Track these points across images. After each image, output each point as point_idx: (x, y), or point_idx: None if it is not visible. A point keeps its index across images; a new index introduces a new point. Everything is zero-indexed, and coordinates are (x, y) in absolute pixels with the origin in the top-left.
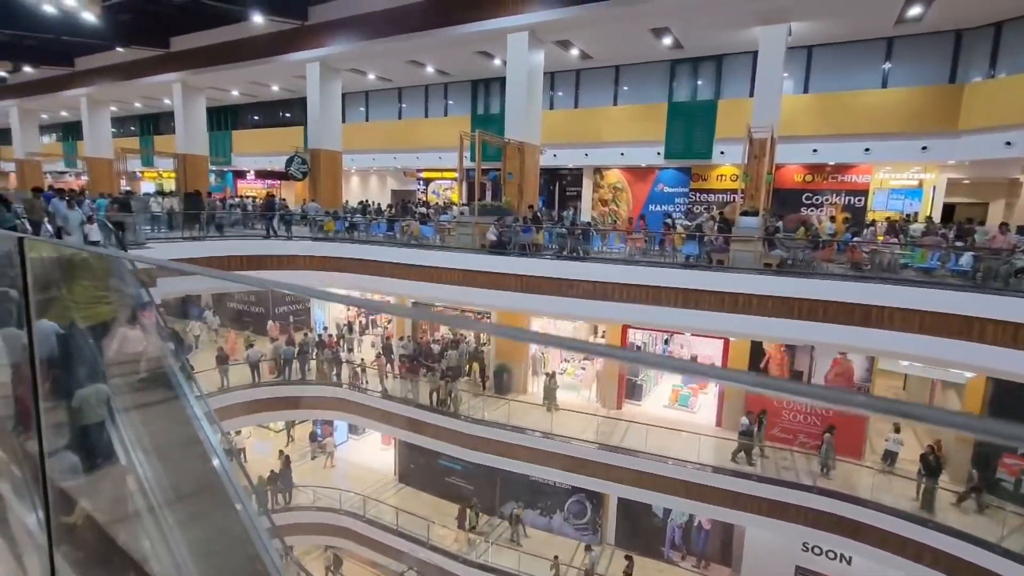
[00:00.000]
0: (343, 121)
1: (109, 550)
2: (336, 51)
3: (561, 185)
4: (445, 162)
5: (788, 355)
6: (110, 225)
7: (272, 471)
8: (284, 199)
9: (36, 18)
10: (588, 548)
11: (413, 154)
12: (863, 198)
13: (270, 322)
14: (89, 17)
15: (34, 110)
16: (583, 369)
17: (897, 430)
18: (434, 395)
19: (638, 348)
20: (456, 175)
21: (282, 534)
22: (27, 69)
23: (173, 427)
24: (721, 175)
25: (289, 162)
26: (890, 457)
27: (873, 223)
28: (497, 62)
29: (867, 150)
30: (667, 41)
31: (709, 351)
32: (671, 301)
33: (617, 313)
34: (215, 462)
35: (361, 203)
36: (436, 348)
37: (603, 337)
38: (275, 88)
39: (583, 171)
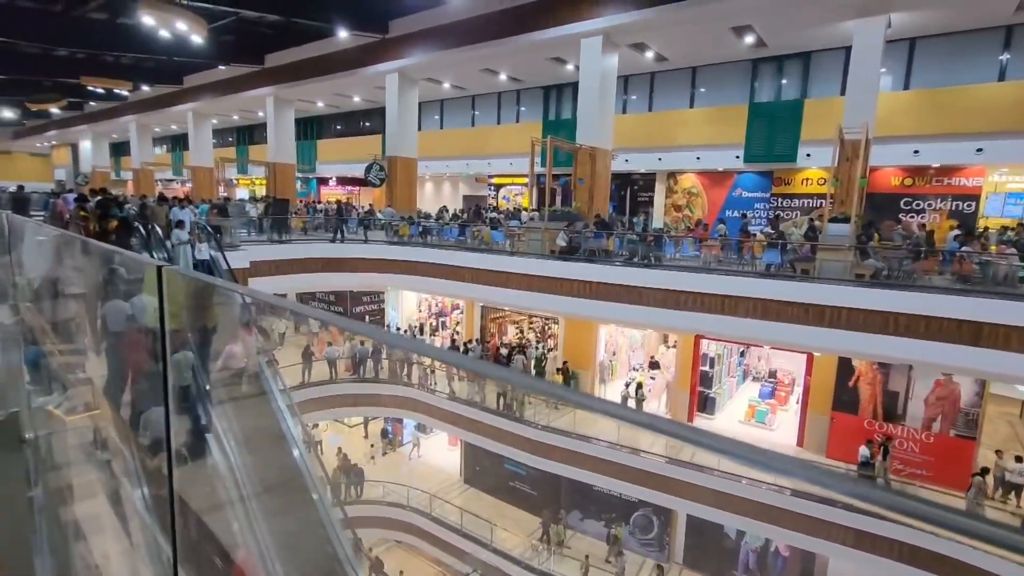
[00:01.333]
0: (419, 129)
1: (201, 536)
2: (414, 61)
3: (632, 190)
4: (516, 168)
5: (881, 374)
6: (210, 229)
7: (345, 464)
8: (360, 205)
9: (153, 42)
10: (659, 568)
11: (485, 160)
12: (973, 203)
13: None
14: (197, 39)
15: (148, 124)
16: (652, 379)
17: (1020, 459)
18: (500, 399)
19: (711, 360)
20: (527, 180)
21: (353, 526)
22: (144, 88)
23: (259, 420)
24: (807, 179)
25: (368, 169)
26: (1013, 490)
27: (986, 231)
28: (570, 67)
29: (979, 150)
30: (749, 40)
31: (790, 366)
32: (749, 312)
33: (690, 323)
34: (295, 454)
35: (442, 208)
36: (504, 352)
37: (674, 347)
38: (357, 99)
39: (656, 176)
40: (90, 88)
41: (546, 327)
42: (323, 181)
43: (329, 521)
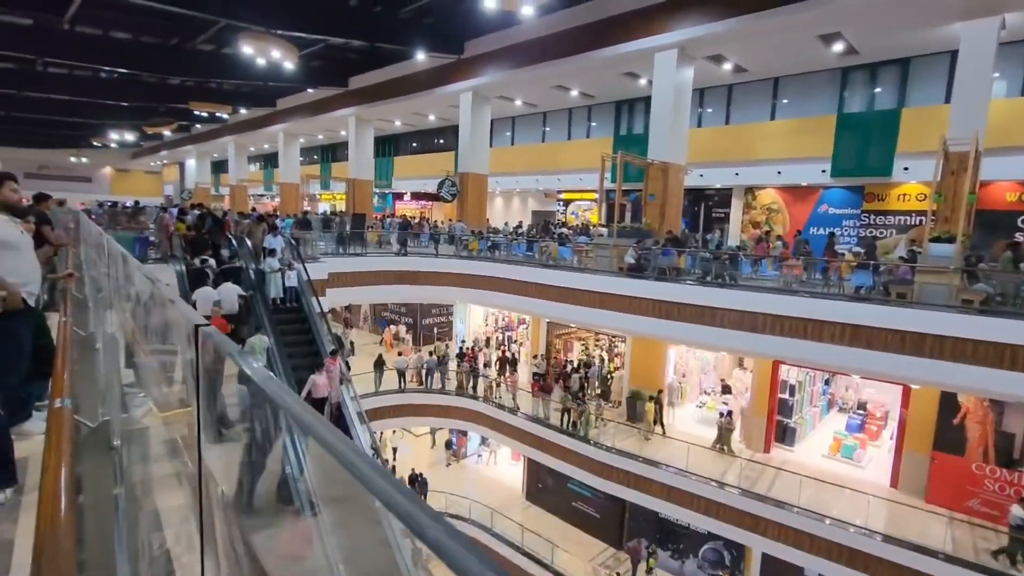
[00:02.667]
0: (490, 146)
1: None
2: (487, 80)
3: (707, 206)
4: (586, 183)
5: (994, 412)
6: (293, 241)
7: (412, 473)
8: (431, 219)
9: (251, 69)
10: None
11: (555, 176)
12: None
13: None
14: (289, 65)
15: (245, 144)
16: (725, 404)
17: None
18: (565, 416)
19: (791, 387)
20: (596, 196)
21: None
22: (242, 111)
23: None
24: (904, 194)
25: (441, 185)
26: None
27: None
28: (643, 82)
29: None
30: (838, 47)
31: (883, 397)
32: (835, 338)
33: (768, 347)
34: (344, 412)
35: (517, 225)
36: (569, 369)
37: (750, 372)
38: (432, 117)
39: (732, 191)
40: (196, 112)
41: (613, 345)
42: (398, 196)
43: (391, 529)
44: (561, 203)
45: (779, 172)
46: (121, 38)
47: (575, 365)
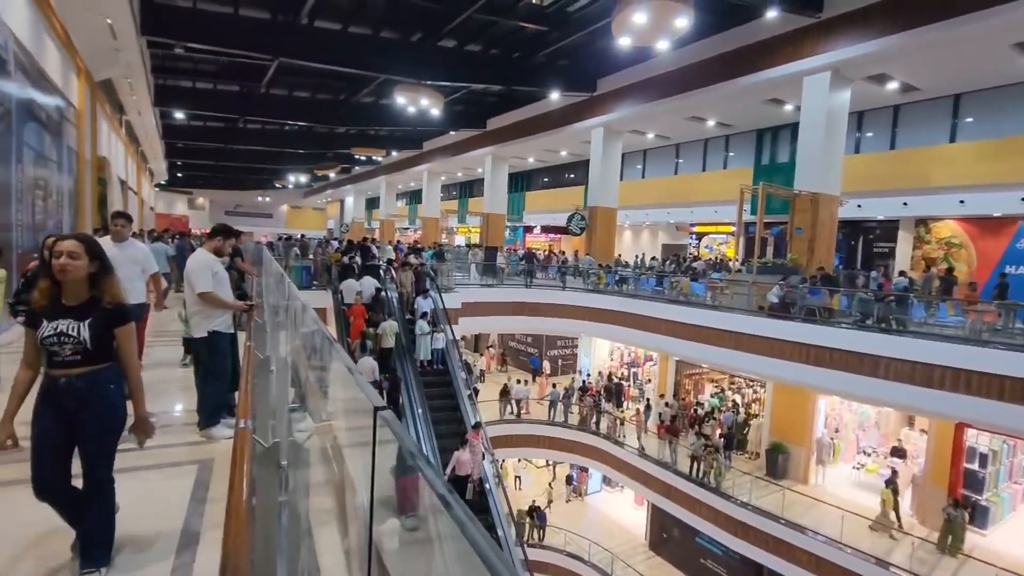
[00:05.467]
0: (620, 179)
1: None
2: (619, 115)
3: (866, 240)
4: (721, 216)
5: None
6: (431, 272)
7: (532, 505)
8: (561, 252)
9: (402, 116)
10: None
11: (688, 208)
12: None
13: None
14: (435, 111)
15: (394, 183)
16: (891, 469)
17: None
18: (695, 463)
19: (983, 457)
20: (733, 229)
21: (531, 569)
22: (393, 153)
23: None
24: None
25: (570, 219)
26: None
27: None
28: (788, 108)
29: None
30: None
31: None
32: None
33: (948, 406)
34: (486, 486)
35: (652, 257)
36: (700, 412)
37: (923, 433)
38: (563, 153)
39: (899, 223)
40: (357, 156)
41: (750, 389)
42: (528, 229)
43: (509, 561)
44: (694, 236)
45: (961, 201)
46: (302, 96)
47: (707, 409)
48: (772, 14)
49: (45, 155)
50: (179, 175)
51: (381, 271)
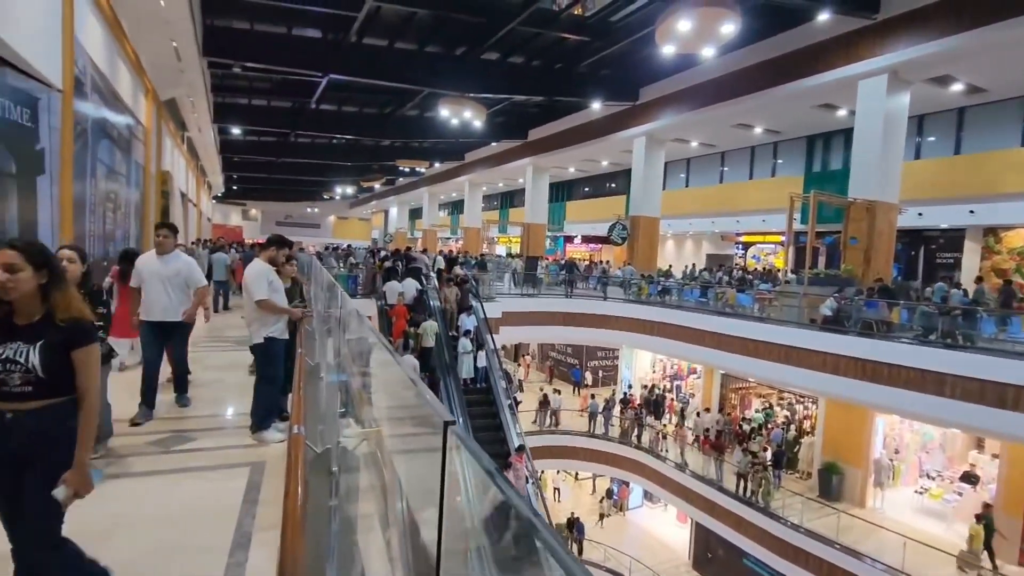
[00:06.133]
0: (663, 188)
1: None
2: (662, 124)
3: (928, 250)
4: (769, 225)
5: None
6: (475, 289)
7: (571, 517)
8: (602, 262)
9: (445, 128)
10: None
11: (733, 218)
12: None
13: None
14: (477, 123)
15: (436, 193)
16: (959, 495)
17: None
18: (741, 481)
19: None
20: (782, 239)
21: None
22: (436, 165)
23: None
24: None
25: (611, 228)
26: None
27: None
28: (842, 113)
29: None
30: None
31: None
32: None
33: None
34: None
35: (693, 267)
36: (746, 428)
37: (995, 457)
38: (604, 163)
39: (965, 232)
40: (401, 168)
41: (800, 405)
42: (569, 239)
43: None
44: (740, 246)
45: None
46: (349, 111)
47: (754, 425)
48: (824, 17)
49: (115, 170)
50: (234, 188)
51: (423, 276)
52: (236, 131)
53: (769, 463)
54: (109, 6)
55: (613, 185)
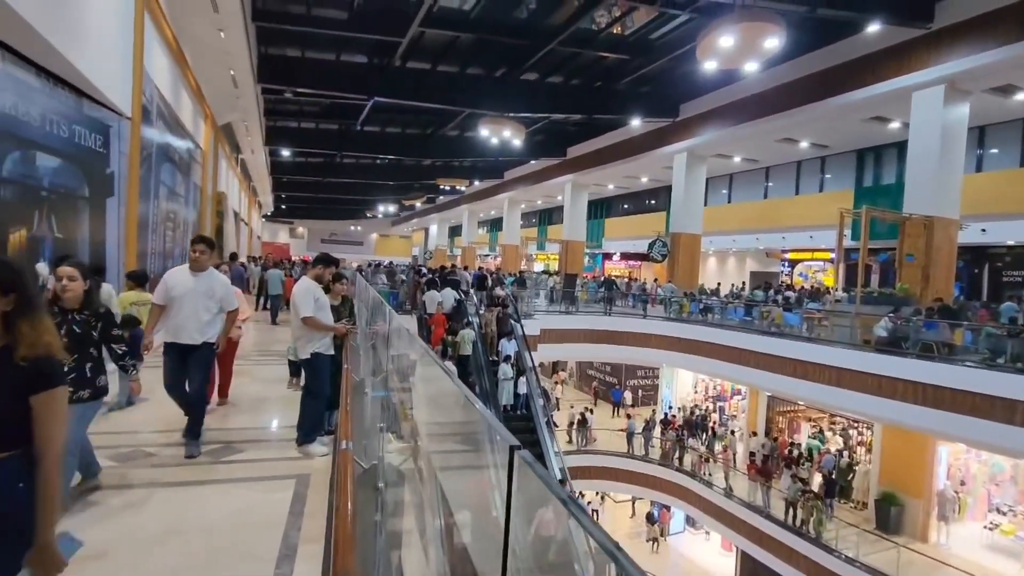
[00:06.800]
0: (704, 204)
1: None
2: (703, 140)
3: (994, 268)
4: (817, 242)
5: None
6: (516, 314)
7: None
8: (641, 280)
9: (485, 147)
10: None
11: (779, 234)
12: None
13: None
14: (517, 142)
15: (476, 211)
16: None
17: None
18: (790, 509)
19: None
20: (831, 256)
21: None
22: (476, 183)
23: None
24: None
25: (651, 245)
26: None
27: None
28: (895, 125)
29: None
30: None
31: None
32: None
33: None
34: (569, 523)
35: (757, 286)
36: (795, 453)
37: None
38: (644, 179)
39: None
40: (442, 186)
41: (854, 430)
42: (607, 256)
43: None
44: (786, 263)
45: None
46: (393, 132)
47: (803, 451)
48: (874, 28)
49: (176, 191)
50: (282, 206)
51: (460, 291)
52: (286, 153)
53: (820, 490)
54: (174, 38)
55: (653, 202)
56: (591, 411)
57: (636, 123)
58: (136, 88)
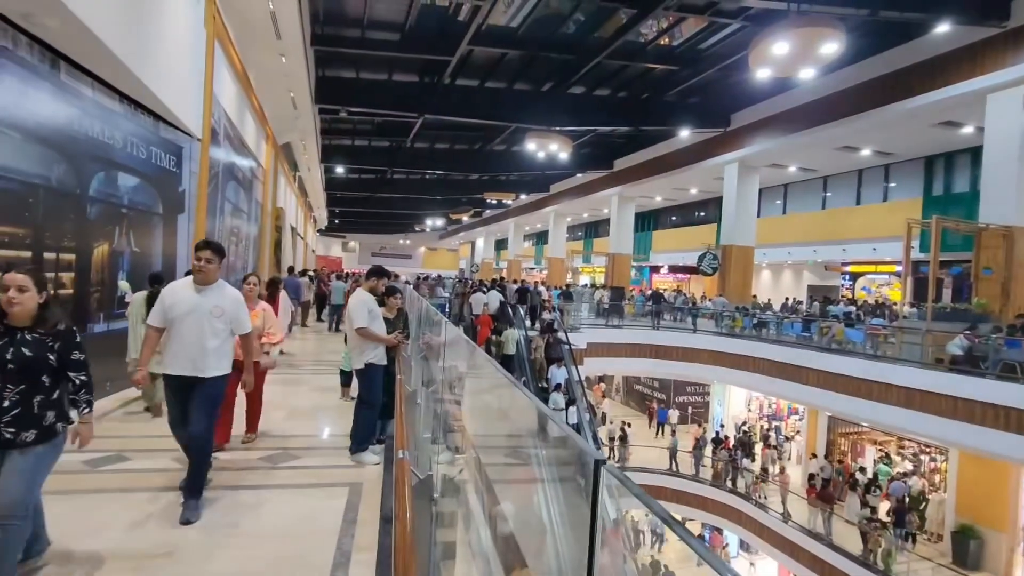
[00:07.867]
0: (757, 216)
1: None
2: (756, 150)
3: None
4: (880, 254)
5: None
6: (560, 311)
7: (653, 561)
8: (690, 293)
9: (532, 161)
10: None
11: (839, 246)
12: None
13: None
14: (563, 156)
15: (522, 224)
16: None
17: None
18: (863, 539)
19: None
20: (897, 269)
21: None
22: (522, 196)
23: (577, 499)
24: None
25: (701, 258)
26: None
27: None
28: (968, 130)
29: None
30: None
31: None
32: None
33: None
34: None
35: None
36: (860, 479)
37: None
38: (693, 191)
39: None
40: (488, 200)
41: (926, 455)
42: (655, 269)
43: None
44: (847, 277)
45: None
46: (441, 148)
47: (871, 476)
48: (943, 29)
49: (239, 207)
50: (335, 221)
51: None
52: (340, 169)
53: (889, 520)
54: (240, 63)
55: (702, 213)
56: (629, 424)
57: (685, 134)
58: (206, 111)
